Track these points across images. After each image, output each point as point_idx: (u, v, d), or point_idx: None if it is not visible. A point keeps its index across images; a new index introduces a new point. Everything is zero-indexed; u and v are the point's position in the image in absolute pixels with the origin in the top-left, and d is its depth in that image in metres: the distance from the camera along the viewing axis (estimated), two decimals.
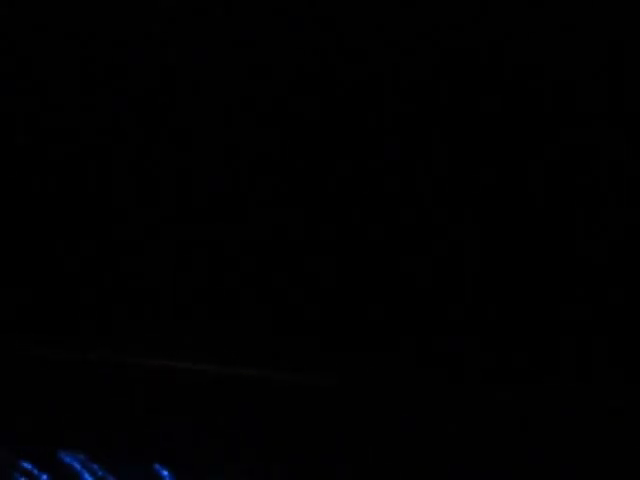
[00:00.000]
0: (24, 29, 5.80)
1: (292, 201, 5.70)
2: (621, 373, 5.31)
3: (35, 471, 5.17)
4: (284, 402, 5.34)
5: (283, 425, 5.32)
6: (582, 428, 5.23)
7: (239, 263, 5.73)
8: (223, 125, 5.73)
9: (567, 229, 5.43)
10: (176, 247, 5.78)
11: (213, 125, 5.74)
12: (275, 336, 5.59)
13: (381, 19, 5.51)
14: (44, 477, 5.16)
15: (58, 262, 5.83)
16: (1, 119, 5.88)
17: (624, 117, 5.30)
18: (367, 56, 5.55)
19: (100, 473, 5.18)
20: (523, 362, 5.44)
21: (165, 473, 5.21)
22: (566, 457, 5.21)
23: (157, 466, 5.21)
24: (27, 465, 5.18)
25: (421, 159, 5.56)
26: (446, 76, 5.48)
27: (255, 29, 5.63)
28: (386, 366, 5.56)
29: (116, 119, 5.82)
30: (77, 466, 5.21)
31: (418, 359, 5.54)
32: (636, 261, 5.33)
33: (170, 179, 5.80)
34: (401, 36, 5.49)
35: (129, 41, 5.73)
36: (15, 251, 5.88)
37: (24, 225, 5.89)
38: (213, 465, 5.24)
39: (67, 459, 5.24)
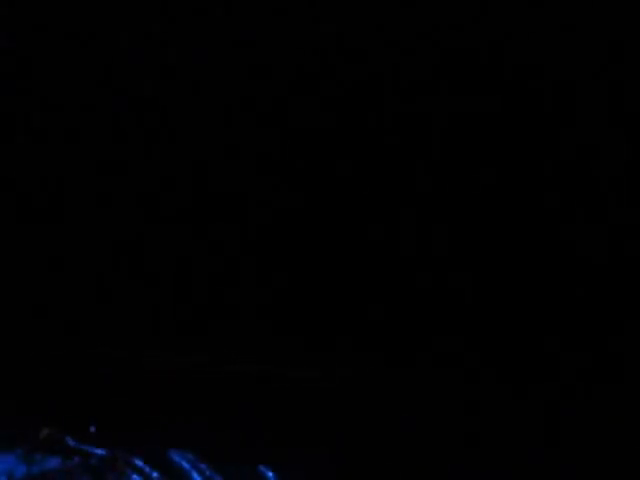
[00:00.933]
0: (24, 29, 5.80)
1: (292, 201, 5.70)
2: (621, 373, 5.31)
3: (147, 469, 5.32)
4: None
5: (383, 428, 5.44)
6: (582, 428, 5.23)
7: (239, 263, 5.74)
8: (223, 125, 5.73)
9: (567, 229, 5.43)
10: (176, 247, 5.79)
11: (213, 125, 5.74)
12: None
13: (381, 19, 5.51)
14: (155, 474, 5.31)
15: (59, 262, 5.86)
16: (1, 119, 5.89)
17: (624, 117, 5.30)
18: (367, 56, 5.55)
19: (207, 472, 5.32)
20: (523, 362, 5.44)
21: (270, 474, 5.29)
22: (566, 457, 5.21)
23: (262, 467, 5.31)
24: (140, 463, 5.32)
25: (421, 159, 5.56)
26: (446, 76, 5.48)
27: (255, 29, 5.63)
28: (387, 366, 5.57)
29: (116, 119, 5.82)
30: (186, 465, 5.38)
31: (417, 359, 5.54)
32: (636, 261, 5.33)
33: (170, 179, 5.81)
34: (401, 36, 5.49)
35: (129, 41, 5.73)
36: (15, 251, 5.89)
37: (24, 226, 5.90)
38: (317, 468, 5.34)
39: (177, 458, 5.40)
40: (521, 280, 5.46)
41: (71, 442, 5.42)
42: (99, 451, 5.38)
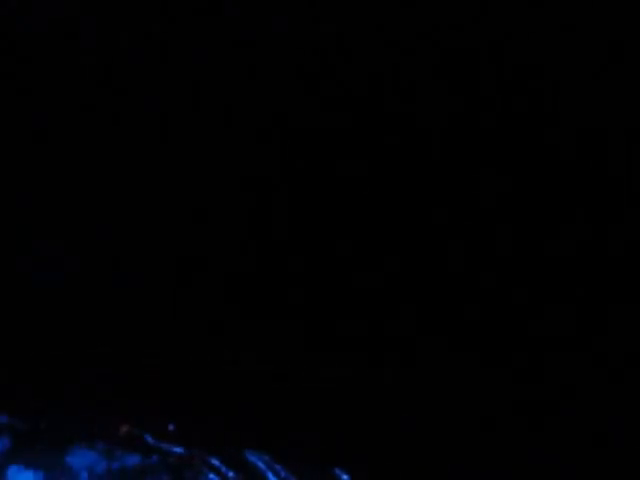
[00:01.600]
0: (25, 29, 5.81)
1: (292, 202, 5.70)
2: (621, 373, 5.31)
3: (223, 468, 5.36)
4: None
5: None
6: (582, 428, 5.23)
7: (239, 263, 5.74)
8: (223, 125, 5.73)
9: (567, 229, 5.43)
10: (176, 247, 5.79)
11: (213, 125, 5.74)
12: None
13: (381, 19, 5.51)
14: (230, 474, 5.33)
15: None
16: (1, 119, 5.89)
17: (625, 117, 5.30)
18: (367, 56, 5.55)
19: (283, 474, 5.33)
20: (523, 362, 5.45)
21: (345, 477, 5.30)
22: (566, 457, 5.21)
23: (337, 470, 5.31)
24: (216, 462, 5.34)
25: (421, 159, 5.57)
26: (446, 76, 5.48)
27: (255, 29, 5.63)
28: (387, 366, 5.57)
29: (116, 119, 5.82)
30: (262, 466, 5.39)
31: (417, 359, 5.55)
32: (636, 261, 5.33)
33: (170, 179, 5.81)
34: (401, 36, 5.49)
35: (129, 41, 5.73)
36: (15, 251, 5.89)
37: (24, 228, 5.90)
38: (393, 472, 5.35)
39: (252, 459, 5.41)
40: (521, 279, 5.46)
41: (150, 440, 5.45)
42: (177, 449, 5.41)
